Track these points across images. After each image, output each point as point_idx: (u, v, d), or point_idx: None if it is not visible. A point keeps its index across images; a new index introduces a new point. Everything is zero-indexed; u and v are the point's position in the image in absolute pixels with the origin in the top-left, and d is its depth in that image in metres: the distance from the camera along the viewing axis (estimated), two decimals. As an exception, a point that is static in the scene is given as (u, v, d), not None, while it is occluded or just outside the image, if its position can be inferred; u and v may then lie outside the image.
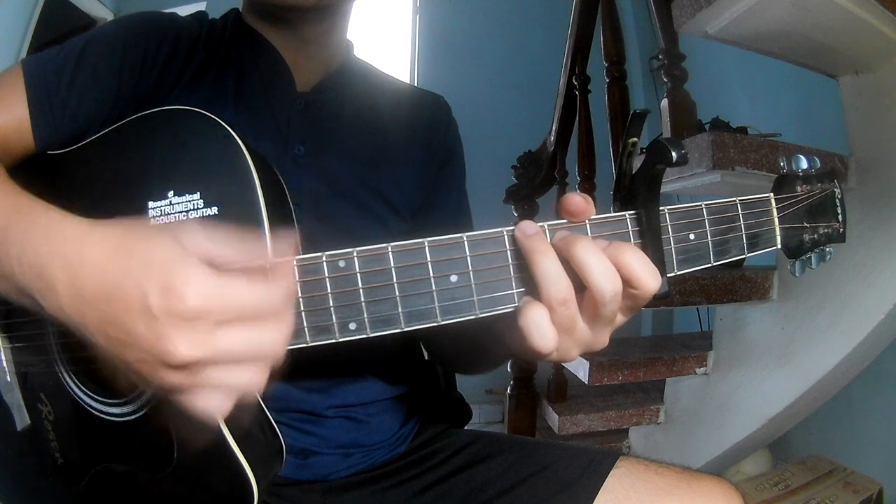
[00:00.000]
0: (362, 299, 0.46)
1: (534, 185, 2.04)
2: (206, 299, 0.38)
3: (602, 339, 0.48)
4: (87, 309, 0.41)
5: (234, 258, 0.42)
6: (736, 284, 1.48)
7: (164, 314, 0.38)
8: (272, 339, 0.41)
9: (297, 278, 0.46)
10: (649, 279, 0.45)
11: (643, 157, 0.48)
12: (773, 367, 1.48)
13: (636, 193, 0.48)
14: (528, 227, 0.46)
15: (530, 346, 0.45)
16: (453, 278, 0.46)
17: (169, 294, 0.38)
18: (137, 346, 0.39)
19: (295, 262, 0.46)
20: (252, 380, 0.41)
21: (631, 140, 0.47)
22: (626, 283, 0.45)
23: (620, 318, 0.48)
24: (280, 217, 0.53)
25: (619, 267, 0.44)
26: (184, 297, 0.38)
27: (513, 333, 0.47)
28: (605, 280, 0.44)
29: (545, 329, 0.45)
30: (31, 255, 0.43)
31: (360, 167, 0.76)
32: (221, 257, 0.41)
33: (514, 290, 0.47)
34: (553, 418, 1.77)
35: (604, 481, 0.67)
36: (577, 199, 0.47)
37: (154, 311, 0.38)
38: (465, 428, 0.87)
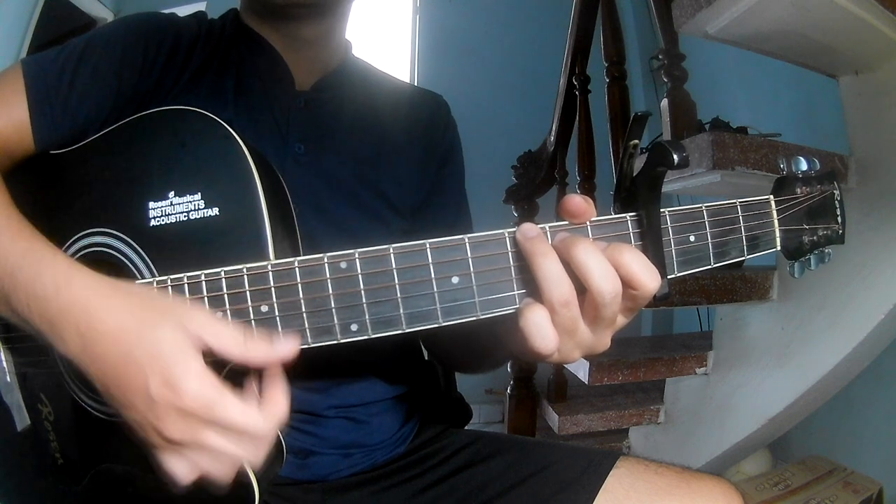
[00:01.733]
0: (364, 300, 0.46)
1: (534, 185, 2.03)
2: (200, 403, 0.42)
3: (604, 342, 0.48)
4: (95, 367, 0.45)
5: (235, 356, 0.44)
6: (736, 284, 1.48)
7: (161, 402, 0.42)
8: (249, 456, 0.45)
9: (299, 280, 0.46)
10: (649, 280, 0.45)
11: (644, 158, 0.48)
12: (773, 367, 1.48)
13: (637, 195, 0.48)
14: (529, 229, 0.46)
15: (531, 347, 0.45)
16: (455, 280, 0.46)
17: (169, 388, 0.42)
18: (134, 413, 0.44)
19: (297, 264, 0.46)
20: (219, 475, 0.45)
21: (632, 142, 0.47)
22: (626, 283, 0.45)
23: (621, 320, 0.48)
24: (280, 217, 0.53)
25: (618, 268, 0.44)
26: (182, 395, 0.42)
27: (514, 335, 0.47)
28: (605, 282, 0.44)
29: (546, 330, 0.45)
30: (42, 306, 0.46)
31: (360, 165, 0.76)
32: (223, 353, 0.44)
33: (516, 292, 0.47)
34: (553, 418, 1.77)
35: (604, 481, 0.67)
36: (577, 201, 0.47)
37: (153, 396, 0.42)
38: (465, 428, 0.87)
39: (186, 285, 0.48)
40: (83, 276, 0.46)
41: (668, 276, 0.48)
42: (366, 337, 0.47)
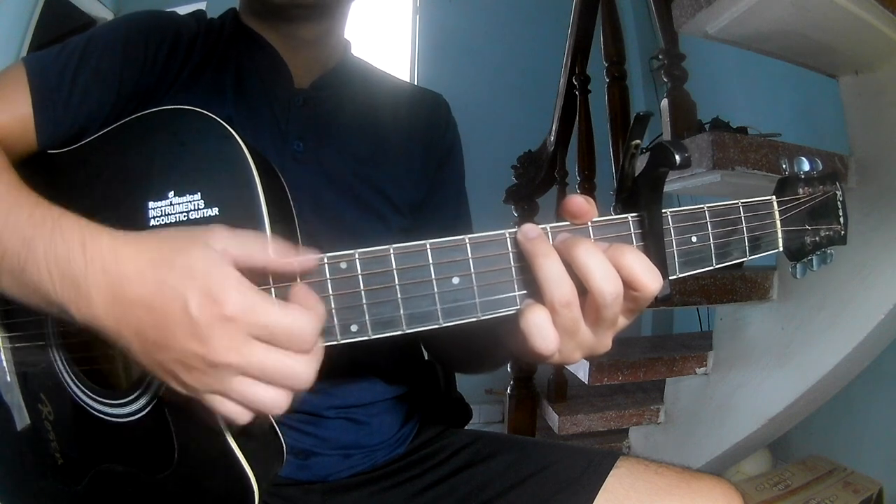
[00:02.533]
0: (364, 301, 0.46)
1: (534, 185, 2.03)
2: (243, 307, 0.41)
3: (605, 343, 0.48)
4: (126, 316, 0.43)
5: (261, 262, 0.44)
6: (736, 284, 1.48)
7: (203, 317, 0.41)
8: (302, 369, 0.43)
9: (300, 280, 0.46)
10: (650, 281, 0.45)
11: (645, 159, 0.48)
12: (773, 367, 1.48)
13: (638, 196, 0.48)
14: (530, 230, 0.46)
15: (532, 348, 0.45)
16: (455, 280, 0.46)
17: (209, 300, 0.41)
18: (175, 348, 0.42)
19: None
20: (275, 402, 0.43)
21: (634, 143, 0.47)
22: (628, 284, 0.45)
23: (622, 321, 0.48)
24: (281, 217, 0.53)
25: (619, 269, 0.44)
26: (223, 303, 0.41)
27: (514, 335, 0.47)
28: (606, 283, 0.44)
29: (547, 331, 0.45)
30: (65, 265, 0.44)
31: (359, 163, 0.76)
32: (250, 262, 0.43)
33: (517, 293, 0.47)
34: (553, 418, 1.77)
35: (603, 481, 0.67)
36: (579, 202, 0.47)
37: (194, 315, 0.41)
38: (465, 428, 0.87)
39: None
40: (106, 230, 0.45)
41: (670, 277, 0.48)
42: (366, 338, 0.47)
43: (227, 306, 0.41)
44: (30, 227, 0.47)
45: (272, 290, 0.46)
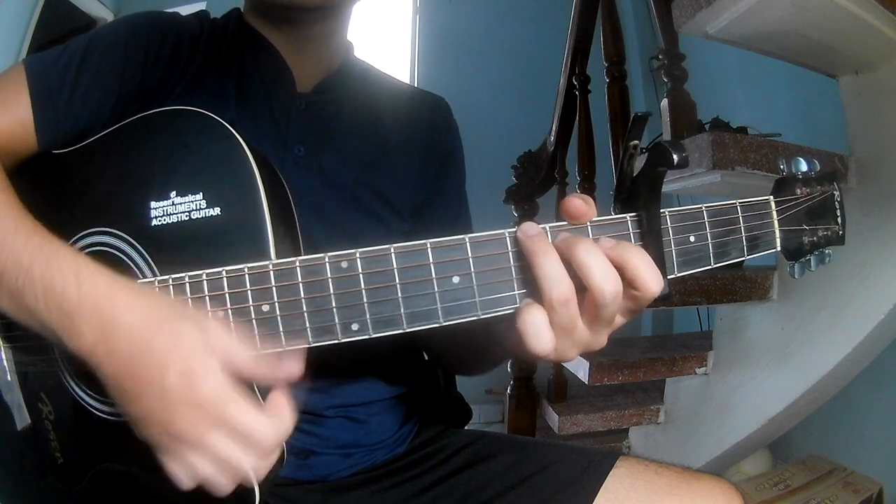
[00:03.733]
0: (364, 300, 0.46)
1: (534, 185, 2.04)
2: (214, 399, 0.42)
3: (601, 340, 0.48)
4: (110, 360, 0.45)
5: (244, 372, 0.45)
6: (736, 284, 1.48)
7: (176, 392, 0.42)
8: (251, 468, 0.44)
9: (300, 279, 0.46)
10: (653, 282, 0.45)
11: (644, 158, 0.48)
12: (773, 367, 1.48)
13: (637, 195, 0.48)
14: (529, 228, 0.46)
15: (527, 347, 0.45)
16: (455, 279, 0.46)
17: (186, 379, 0.42)
18: (144, 406, 0.44)
19: (298, 263, 0.46)
20: (218, 484, 0.45)
21: (632, 143, 0.47)
22: (630, 284, 0.45)
23: (620, 320, 0.48)
24: (282, 217, 0.53)
25: (624, 268, 0.44)
26: (198, 388, 0.42)
27: (511, 333, 0.47)
28: (605, 281, 0.44)
29: (542, 331, 0.45)
30: (59, 299, 0.46)
31: (360, 167, 0.76)
32: (233, 365, 0.44)
33: (516, 292, 0.47)
34: (553, 418, 1.77)
35: (603, 481, 0.68)
36: (577, 202, 0.47)
37: (169, 388, 0.42)
38: (465, 428, 0.87)
39: (188, 284, 0.48)
40: (103, 271, 0.47)
41: (669, 276, 0.48)
42: (366, 336, 0.47)
43: (201, 392, 0.42)
44: (27, 253, 0.48)
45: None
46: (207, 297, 0.48)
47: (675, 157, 0.45)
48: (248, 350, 0.45)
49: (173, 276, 0.49)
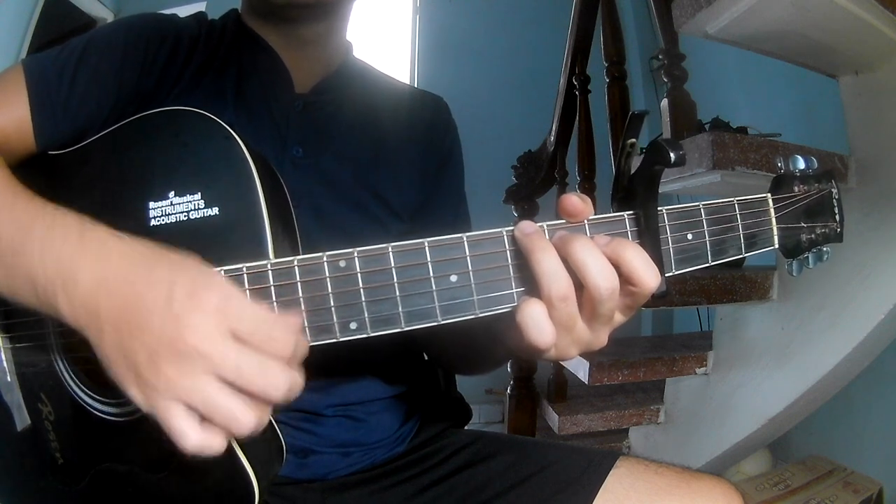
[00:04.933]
0: (363, 299, 0.46)
1: (534, 185, 2.04)
2: (225, 302, 0.40)
3: (601, 339, 0.48)
4: (109, 298, 0.42)
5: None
6: (736, 284, 1.48)
7: (184, 307, 0.40)
8: (278, 377, 0.40)
9: (299, 279, 0.46)
10: (649, 277, 0.45)
11: (642, 157, 0.48)
12: (773, 367, 1.48)
13: (635, 194, 0.48)
14: (526, 226, 0.46)
15: (528, 342, 0.45)
16: (453, 278, 0.46)
17: (193, 293, 0.40)
18: (148, 332, 0.40)
19: (296, 263, 0.47)
20: (244, 417, 0.40)
21: (629, 141, 0.47)
22: (626, 280, 0.45)
23: (619, 318, 0.48)
24: (280, 217, 0.53)
25: (619, 264, 0.44)
26: (207, 299, 0.40)
27: (511, 331, 0.47)
28: (601, 278, 0.44)
29: (543, 324, 0.45)
30: (59, 248, 0.45)
31: (359, 168, 0.76)
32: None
33: (514, 290, 0.47)
34: (553, 418, 1.77)
35: (603, 481, 0.68)
36: (574, 200, 0.47)
37: (176, 302, 0.40)
38: (465, 428, 0.87)
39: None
40: (105, 227, 0.46)
41: (666, 274, 0.48)
42: (365, 335, 0.47)
43: (210, 302, 0.40)
44: (28, 214, 0.48)
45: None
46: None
47: (672, 155, 0.45)
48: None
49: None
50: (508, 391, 1.89)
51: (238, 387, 0.40)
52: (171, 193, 0.52)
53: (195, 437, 0.40)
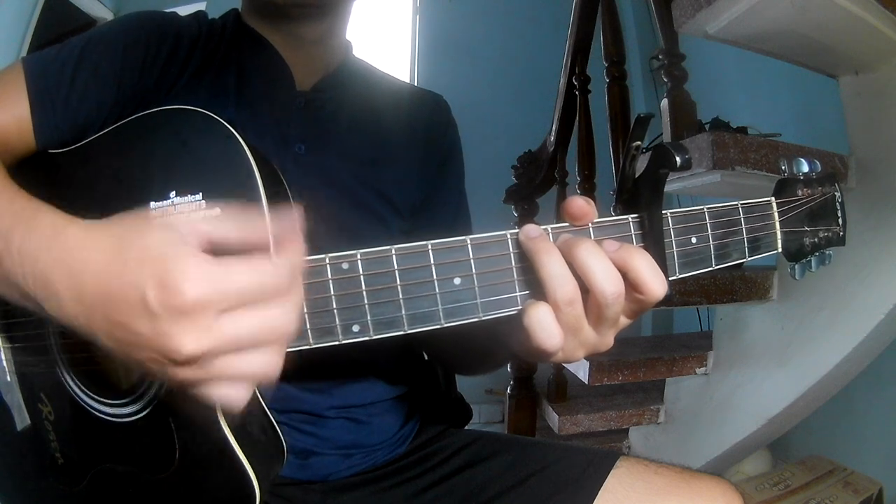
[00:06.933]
0: (365, 301, 0.46)
1: (534, 185, 2.04)
2: (204, 289, 0.37)
3: (607, 341, 0.48)
4: (92, 313, 0.40)
5: (233, 233, 0.40)
6: (736, 284, 1.48)
7: (163, 310, 0.37)
8: (281, 317, 0.39)
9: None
10: (657, 286, 0.45)
11: (645, 160, 0.48)
12: (773, 367, 1.49)
13: (639, 197, 0.48)
14: (531, 230, 0.46)
15: (536, 345, 0.45)
16: (457, 281, 0.46)
17: (165, 288, 0.36)
18: (144, 346, 0.38)
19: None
20: (267, 363, 0.39)
21: (634, 144, 0.47)
22: (634, 287, 0.45)
23: (624, 321, 0.48)
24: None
25: (627, 271, 0.44)
26: (181, 291, 0.36)
27: (517, 334, 0.47)
28: (607, 282, 0.44)
29: (550, 327, 0.45)
30: (33, 263, 0.42)
31: (360, 166, 0.76)
32: (220, 235, 0.40)
33: (518, 293, 0.47)
34: (553, 418, 1.77)
35: (603, 481, 0.68)
36: (579, 203, 0.47)
37: (153, 307, 0.37)
38: (465, 428, 0.87)
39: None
40: (80, 222, 0.43)
41: (670, 278, 0.48)
42: (367, 338, 0.47)
43: (186, 293, 0.36)
44: (9, 215, 0.45)
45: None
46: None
47: (677, 159, 0.45)
48: (230, 219, 0.41)
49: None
50: (508, 391, 1.90)
51: (247, 347, 0.39)
52: (173, 193, 0.52)
53: (241, 396, 0.40)
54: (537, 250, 0.45)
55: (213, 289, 0.37)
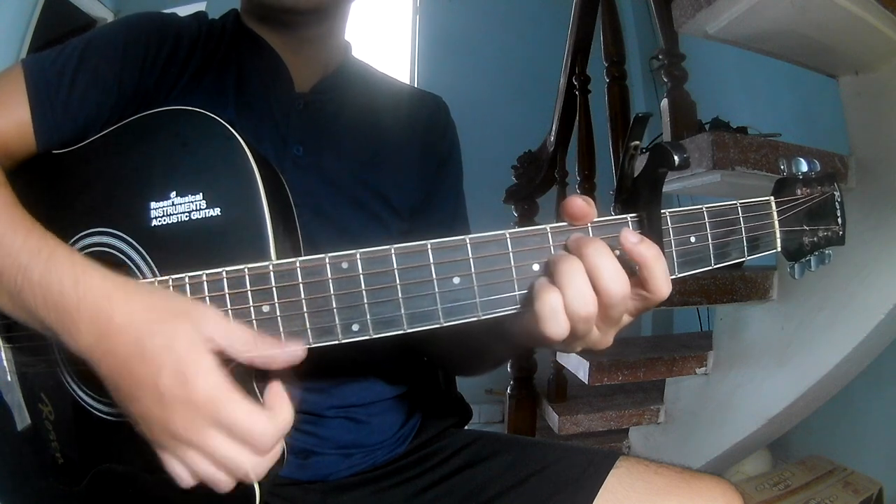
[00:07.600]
0: (365, 301, 0.46)
1: (534, 185, 2.04)
2: (209, 398, 0.43)
3: (607, 340, 0.49)
4: (107, 360, 0.45)
5: (244, 356, 0.45)
6: (736, 284, 1.48)
7: (170, 393, 0.43)
8: (252, 467, 0.44)
9: (301, 280, 0.46)
10: (664, 286, 0.46)
11: (645, 159, 0.48)
12: (773, 367, 1.48)
13: (638, 196, 0.48)
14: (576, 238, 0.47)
15: (542, 331, 0.45)
16: (456, 280, 0.46)
17: (180, 379, 0.43)
18: (141, 407, 0.45)
19: (298, 264, 0.46)
20: (219, 482, 0.45)
21: (633, 144, 0.47)
22: (643, 284, 0.46)
23: (626, 319, 0.49)
24: (282, 218, 0.53)
25: (642, 266, 0.45)
26: (192, 388, 0.42)
27: (521, 320, 0.47)
28: (614, 283, 0.44)
29: (561, 316, 0.45)
30: (57, 299, 0.46)
31: (359, 167, 0.76)
32: (233, 351, 0.45)
33: (517, 292, 0.47)
34: (553, 418, 1.77)
35: (603, 481, 0.68)
36: (579, 203, 0.47)
37: (163, 390, 0.43)
38: (465, 428, 0.87)
39: (188, 285, 0.48)
40: (100, 270, 0.47)
41: (669, 277, 0.48)
42: (367, 337, 0.47)
43: (195, 392, 0.42)
44: (25, 253, 0.48)
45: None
46: (207, 298, 0.48)
47: (676, 158, 0.45)
48: (247, 335, 0.45)
49: (173, 276, 0.49)
50: (508, 391, 1.90)
51: (219, 466, 0.44)
52: (173, 194, 0.52)
53: (186, 481, 0.46)
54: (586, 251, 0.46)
55: (217, 404, 0.43)
